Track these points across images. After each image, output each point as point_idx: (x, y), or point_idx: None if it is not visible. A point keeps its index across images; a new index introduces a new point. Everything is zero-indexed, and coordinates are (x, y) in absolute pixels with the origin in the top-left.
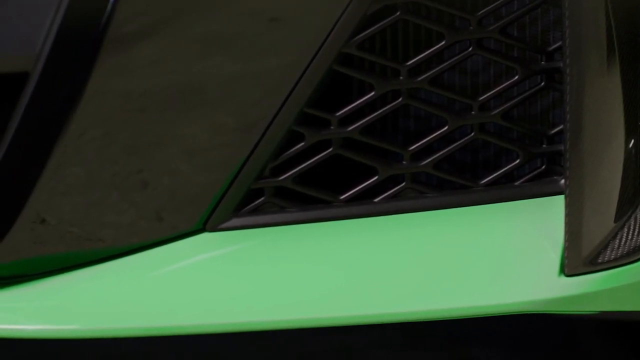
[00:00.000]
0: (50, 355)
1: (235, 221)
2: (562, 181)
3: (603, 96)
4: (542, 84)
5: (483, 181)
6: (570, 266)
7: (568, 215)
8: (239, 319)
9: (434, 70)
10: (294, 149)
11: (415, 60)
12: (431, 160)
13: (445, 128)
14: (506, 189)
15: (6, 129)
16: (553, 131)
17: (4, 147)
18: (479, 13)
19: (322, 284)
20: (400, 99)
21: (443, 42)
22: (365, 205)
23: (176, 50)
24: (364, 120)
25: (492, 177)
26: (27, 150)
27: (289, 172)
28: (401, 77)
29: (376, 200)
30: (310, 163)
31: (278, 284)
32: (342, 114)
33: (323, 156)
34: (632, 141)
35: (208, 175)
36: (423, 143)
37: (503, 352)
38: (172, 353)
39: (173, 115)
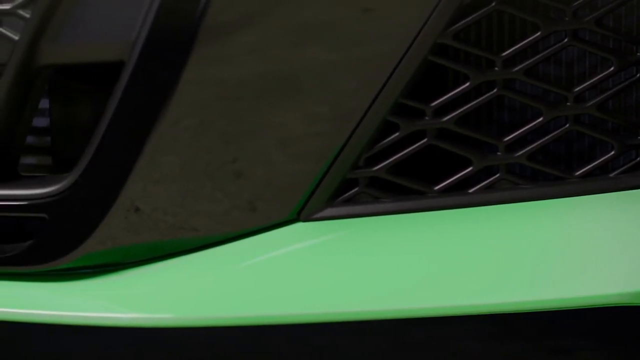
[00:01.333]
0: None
1: (329, 211)
2: None
3: None
4: (638, 75)
5: (577, 173)
6: None
7: None
8: (332, 309)
9: (529, 61)
10: (388, 139)
11: (511, 51)
12: (526, 152)
13: (540, 119)
14: (601, 181)
15: (102, 117)
16: None
17: (100, 134)
18: (575, 4)
19: (415, 275)
20: (495, 90)
21: (538, 33)
22: (460, 196)
23: (271, 39)
24: (459, 111)
25: (587, 169)
26: (122, 138)
27: (383, 162)
28: (496, 68)
29: (470, 191)
30: (405, 153)
31: (371, 275)
32: (437, 104)
33: (418, 147)
34: None
35: (302, 164)
36: (518, 134)
37: (595, 345)
38: (264, 342)
39: (268, 104)
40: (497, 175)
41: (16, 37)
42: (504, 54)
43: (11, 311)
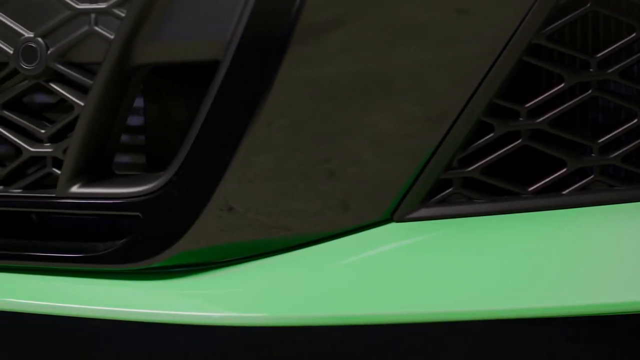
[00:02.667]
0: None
1: (423, 211)
2: None
3: None
4: None
5: None
6: None
7: None
8: (425, 310)
9: (624, 63)
10: (482, 140)
11: (606, 52)
12: (620, 153)
13: (635, 121)
14: None
15: (197, 116)
16: None
17: (194, 133)
18: None
19: (508, 276)
20: (589, 91)
21: (634, 34)
22: (554, 197)
23: (365, 39)
24: (553, 112)
25: None
26: (217, 137)
27: (477, 163)
28: (591, 69)
29: (565, 192)
30: (499, 154)
31: (464, 276)
32: (531, 105)
33: (512, 147)
34: None
35: (396, 164)
36: (612, 135)
37: None
38: (356, 342)
39: (361, 104)
40: (591, 176)
41: (111, 36)
42: (599, 55)
43: (104, 309)
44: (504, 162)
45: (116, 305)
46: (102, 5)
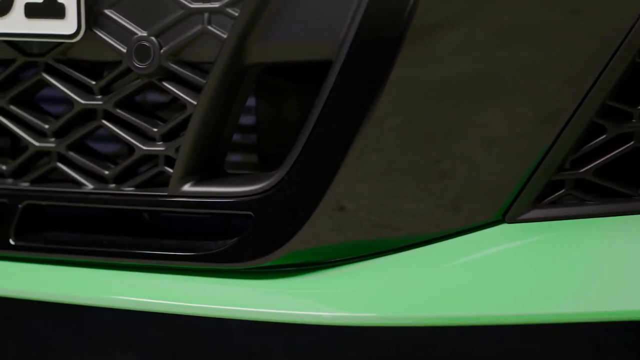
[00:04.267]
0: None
1: (534, 213)
2: None
3: None
4: None
5: None
6: None
7: None
8: (538, 312)
9: None
10: (595, 141)
11: None
12: None
13: None
14: None
15: (309, 116)
16: None
17: (307, 133)
18: None
19: (622, 278)
20: None
21: None
22: None
23: (477, 40)
24: None
25: None
26: (329, 137)
27: (589, 164)
28: None
29: None
30: (612, 156)
31: (577, 277)
32: None
33: (624, 149)
34: None
35: (507, 165)
36: None
37: None
38: (466, 343)
39: (473, 104)
40: None
41: (224, 36)
42: None
43: (215, 308)
44: (616, 164)
45: (226, 304)
46: (216, 5)
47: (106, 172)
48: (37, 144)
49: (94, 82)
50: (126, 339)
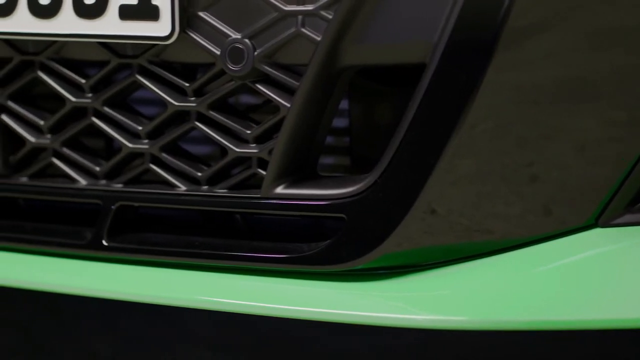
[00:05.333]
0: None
1: (627, 217)
2: None
3: None
4: None
5: None
6: None
7: None
8: (631, 316)
9: None
10: None
11: None
12: None
13: None
14: None
15: (402, 119)
16: None
17: (400, 136)
18: None
19: None
20: None
21: None
22: None
23: (571, 43)
24: None
25: None
26: (422, 140)
27: None
28: None
29: None
30: None
31: None
32: None
33: None
34: None
35: (600, 169)
36: None
37: None
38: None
39: (566, 108)
40: None
41: (318, 38)
42: None
43: (305, 310)
44: None
45: (317, 306)
46: (310, 7)
47: (199, 174)
48: (130, 145)
49: (187, 84)
50: (215, 341)
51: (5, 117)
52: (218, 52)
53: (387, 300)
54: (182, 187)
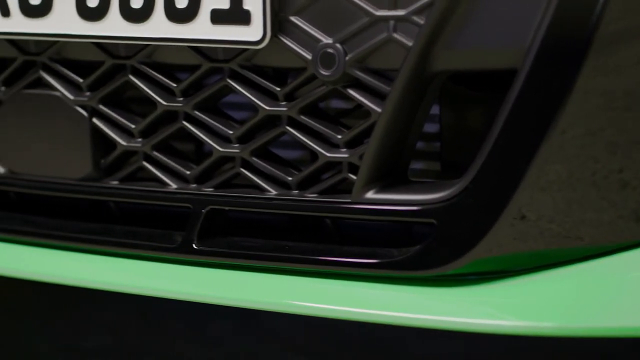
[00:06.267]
0: None
1: None
2: None
3: None
4: None
5: None
6: None
7: None
8: None
9: None
10: None
11: None
12: None
13: None
14: None
15: (493, 125)
16: None
17: (491, 142)
18: None
19: None
20: None
21: None
22: None
23: None
24: None
25: None
26: (513, 146)
27: None
28: None
29: None
30: None
31: None
32: None
33: None
34: None
35: None
36: None
37: None
38: None
39: None
40: None
41: (410, 43)
42: None
43: (393, 315)
44: None
45: (408, 311)
46: (401, 12)
47: (289, 178)
48: (221, 149)
49: (278, 89)
50: (303, 345)
51: (96, 121)
52: (309, 57)
53: (477, 305)
54: (273, 192)
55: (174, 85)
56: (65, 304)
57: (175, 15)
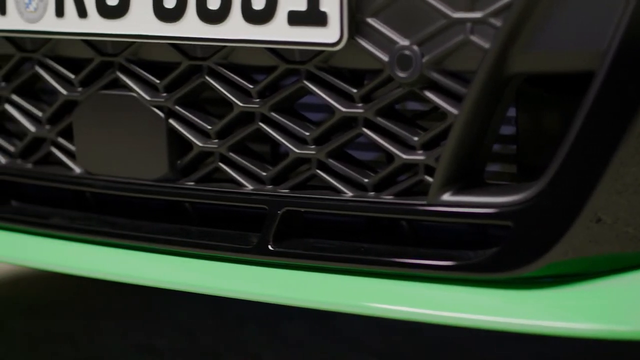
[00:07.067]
0: None
1: None
2: None
3: None
4: None
5: None
6: None
7: None
8: None
9: None
10: None
11: None
12: None
13: None
14: None
15: (570, 127)
16: None
17: (568, 144)
18: None
19: None
20: None
21: None
22: None
23: None
24: None
25: None
26: (591, 148)
27: None
28: None
29: None
30: None
31: None
32: None
33: None
34: None
35: None
36: None
37: None
38: None
39: None
40: None
41: (486, 45)
42: None
43: (474, 318)
44: None
45: (485, 313)
46: (478, 15)
47: (366, 180)
48: (297, 150)
49: (355, 90)
50: (379, 348)
51: (172, 122)
52: (386, 59)
53: (553, 308)
54: (349, 193)
55: (251, 86)
56: (140, 304)
57: (252, 17)
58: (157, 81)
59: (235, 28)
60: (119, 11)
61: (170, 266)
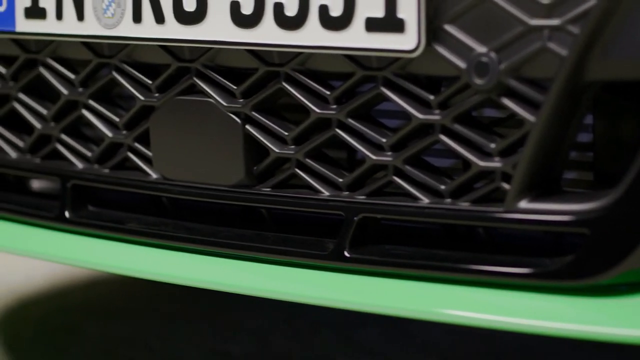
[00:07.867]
0: None
1: None
2: None
3: None
4: None
5: None
6: None
7: None
8: None
9: None
10: None
11: None
12: None
13: None
14: None
15: None
16: None
17: None
18: None
19: None
20: None
21: None
22: None
23: None
24: None
25: None
26: None
27: None
28: None
29: None
30: None
31: None
32: None
33: None
34: None
35: None
36: None
37: None
38: None
39: None
40: None
41: (564, 53)
42: None
43: (543, 324)
44: None
45: (559, 320)
46: (556, 22)
47: (442, 187)
48: (374, 157)
49: (432, 97)
50: (452, 354)
51: (249, 128)
52: (463, 66)
53: (630, 316)
54: (425, 200)
55: (328, 92)
56: (215, 309)
57: (330, 23)
58: (234, 87)
59: (312, 34)
60: (196, 17)
61: (246, 272)
